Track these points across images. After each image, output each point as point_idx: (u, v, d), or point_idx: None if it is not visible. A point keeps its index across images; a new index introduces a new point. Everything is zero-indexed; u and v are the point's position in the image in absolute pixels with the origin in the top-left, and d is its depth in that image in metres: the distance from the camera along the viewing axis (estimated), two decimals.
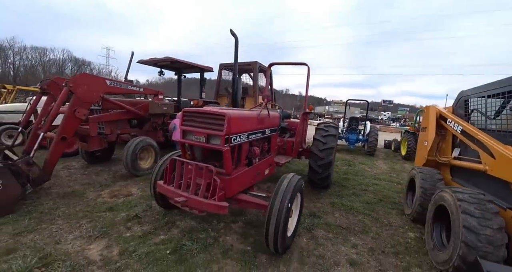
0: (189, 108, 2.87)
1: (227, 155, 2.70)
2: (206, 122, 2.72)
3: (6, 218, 3.14)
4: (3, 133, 7.28)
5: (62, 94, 4.02)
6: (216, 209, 2.46)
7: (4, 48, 43.13)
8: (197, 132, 2.76)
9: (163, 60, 6.05)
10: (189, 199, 2.54)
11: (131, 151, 4.69)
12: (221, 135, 2.60)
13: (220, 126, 2.62)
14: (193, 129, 2.79)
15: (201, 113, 2.77)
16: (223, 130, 2.59)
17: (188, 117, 2.86)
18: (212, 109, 2.81)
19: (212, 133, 2.65)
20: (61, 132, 3.95)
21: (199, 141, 2.77)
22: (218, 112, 2.66)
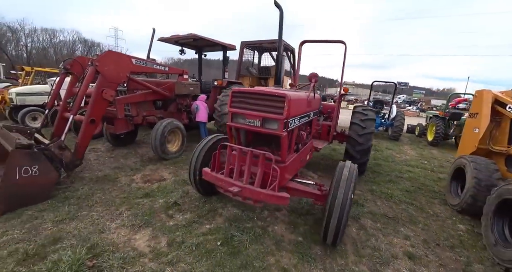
0: (239, 88, 2.53)
1: (285, 141, 2.40)
2: (261, 104, 2.39)
3: (45, 204, 3.00)
4: (27, 115, 7.16)
5: (89, 74, 3.72)
6: (277, 201, 2.21)
7: (16, 30, 42.63)
8: (249, 115, 2.44)
9: (186, 38, 5.60)
10: (244, 189, 2.29)
11: (159, 134, 4.44)
12: (280, 119, 2.27)
13: (279, 108, 2.28)
14: (245, 111, 2.46)
15: (255, 93, 2.43)
16: (283, 113, 2.27)
17: (238, 98, 2.52)
18: (269, 89, 2.46)
19: (269, 117, 2.33)
20: (90, 114, 3.70)
21: (252, 125, 2.45)
22: (278, 92, 2.32)
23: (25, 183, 2.87)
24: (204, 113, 5.82)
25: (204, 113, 5.81)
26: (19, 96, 7.41)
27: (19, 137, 3.20)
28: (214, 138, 3.22)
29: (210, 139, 3.20)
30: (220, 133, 3.49)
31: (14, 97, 7.36)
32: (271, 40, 7.26)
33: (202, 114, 5.77)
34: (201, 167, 3.03)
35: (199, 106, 5.73)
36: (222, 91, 6.19)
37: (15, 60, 37.62)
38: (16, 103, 7.38)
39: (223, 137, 3.34)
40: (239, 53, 7.76)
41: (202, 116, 5.78)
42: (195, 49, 6.85)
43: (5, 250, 2.20)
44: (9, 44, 42.60)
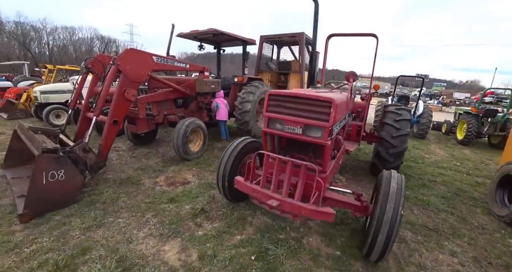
0: (277, 91, 2.29)
1: (328, 150, 2.15)
2: (303, 109, 2.14)
3: (72, 208, 2.93)
4: (51, 113, 7.25)
5: (110, 73, 3.58)
6: (321, 217, 1.99)
7: (38, 28, 44.03)
8: (289, 121, 2.20)
9: (206, 33, 5.37)
10: (283, 203, 2.08)
11: (181, 134, 4.29)
12: (325, 126, 2.02)
13: (325, 115, 2.03)
14: (284, 117, 2.22)
15: (296, 97, 2.18)
16: (329, 120, 2.01)
17: (275, 102, 2.28)
18: (311, 92, 2.20)
19: (312, 123, 2.08)
20: (112, 115, 3.58)
21: (292, 133, 2.22)
22: (323, 97, 2.05)
23: (51, 188, 2.80)
24: (225, 111, 5.62)
25: (224, 111, 5.61)
26: (43, 94, 7.50)
27: (44, 140, 3.13)
28: (243, 142, 3.01)
29: (239, 143, 2.99)
30: (248, 136, 3.27)
31: (38, 95, 7.46)
32: (292, 34, 6.92)
33: (223, 112, 5.58)
34: (230, 173, 2.85)
35: (219, 104, 5.53)
36: (242, 88, 5.96)
37: (38, 58, 39.02)
38: (41, 101, 7.48)
39: (252, 140, 3.13)
40: (259, 48, 7.47)
41: (223, 114, 5.59)
42: (214, 44, 6.62)
43: (35, 261, 2.11)
44: (33, 42, 44.12)
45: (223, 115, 5.59)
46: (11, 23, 42.36)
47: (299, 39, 6.79)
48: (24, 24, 43.07)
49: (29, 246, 2.29)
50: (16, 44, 41.98)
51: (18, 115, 8.61)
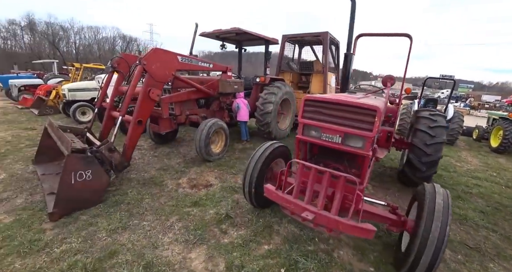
0: (314, 96, 2.14)
1: (368, 161, 1.97)
2: (343, 116, 1.97)
3: (98, 208, 2.93)
4: (77, 110, 7.50)
5: (137, 73, 3.56)
6: (360, 233, 1.82)
7: (66, 28, 46.31)
8: (327, 129, 2.04)
9: (229, 32, 5.28)
10: (319, 216, 1.93)
11: (204, 135, 4.22)
12: (368, 136, 1.85)
13: (368, 124, 1.86)
14: (322, 124, 2.07)
15: (337, 103, 2.01)
16: (373, 129, 1.84)
17: (312, 108, 2.13)
18: (353, 99, 2.03)
19: (354, 133, 1.91)
20: (137, 115, 3.57)
21: (330, 141, 2.06)
22: (368, 104, 1.88)
23: (79, 188, 2.81)
24: (246, 112, 5.52)
25: (245, 112, 5.50)
26: (71, 92, 7.76)
27: (73, 139, 3.16)
28: (270, 147, 2.88)
29: (267, 148, 2.86)
30: (269, 137, 3.13)
31: (66, 93, 7.73)
32: (316, 33, 6.68)
33: (244, 113, 5.47)
34: (257, 180, 2.73)
35: (240, 105, 5.43)
36: (264, 89, 5.82)
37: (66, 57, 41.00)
38: (68, 99, 7.75)
39: (280, 145, 2.99)
40: (280, 47, 7.29)
41: (244, 115, 5.48)
42: (236, 43, 6.52)
43: (65, 262, 2.10)
44: (61, 41, 46.42)
45: (244, 116, 5.48)
46: (43, 24, 44.83)
47: (323, 39, 6.54)
48: (54, 24, 45.41)
49: (58, 246, 2.30)
50: (47, 44, 44.37)
51: (48, 112, 8.99)
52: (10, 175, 3.89)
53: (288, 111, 6.54)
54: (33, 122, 7.89)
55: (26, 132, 6.65)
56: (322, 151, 2.57)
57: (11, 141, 5.70)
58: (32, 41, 44.78)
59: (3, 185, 3.54)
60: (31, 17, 43.99)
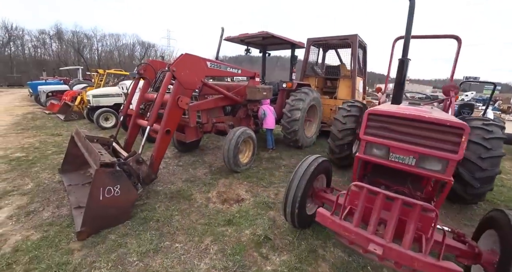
0: (379, 110, 1.80)
1: (448, 187, 1.60)
2: (420, 134, 1.63)
3: (126, 226, 2.71)
4: (100, 116, 7.51)
5: (166, 79, 3.35)
6: None
7: (90, 36, 48.53)
8: (398, 149, 1.70)
9: (256, 36, 5.02)
10: (388, 250, 1.57)
11: (233, 145, 3.95)
12: (452, 158, 1.51)
13: (453, 144, 1.52)
14: (391, 143, 1.73)
15: (410, 119, 1.67)
16: (458, 151, 1.48)
17: (378, 123, 1.79)
18: (431, 114, 1.67)
19: (433, 154, 1.57)
20: (165, 125, 3.35)
21: (400, 163, 1.71)
22: (452, 121, 1.53)
23: (107, 204, 2.60)
24: (272, 119, 5.21)
25: (272, 119, 5.20)
26: (95, 98, 7.80)
27: (101, 151, 2.97)
28: (314, 162, 2.55)
29: (311, 163, 2.53)
30: (319, 155, 2.79)
31: (91, 99, 7.78)
32: (344, 36, 6.30)
33: (270, 120, 5.17)
34: (301, 199, 2.40)
35: (267, 111, 5.13)
36: (291, 95, 5.50)
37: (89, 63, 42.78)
38: (92, 105, 7.79)
39: (324, 160, 2.66)
40: (305, 51, 6.96)
41: (270, 122, 5.18)
42: (260, 47, 6.26)
43: None
44: (85, 49, 48.62)
45: (270, 123, 5.18)
46: (69, 33, 47.21)
47: (351, 42, 6.14)
48: (79, 33, 47.67)
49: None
50: (72, 51, 46.58)
51: (73, 117, 9.13)
52: (37, 184, 3.80)
53: (315, 117, 6.17)
54: (59, 127, 8.00)
55: (53, 138, 6.70)
56: (377, 169, 2.20)
57: (39, 148, 5.72)
58: (60, 48, 47.21)
59: (30, 196, 3.43)
60: (59, 27, 46.51)
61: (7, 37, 43.37)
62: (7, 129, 7.67)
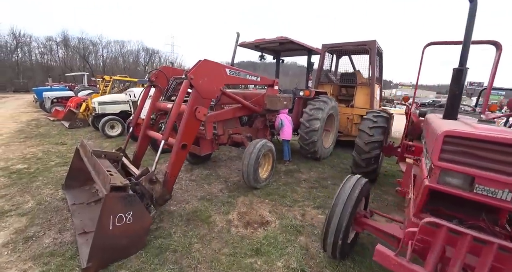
0: (460, 131, 1.42)
1: None
2: None
3: (139, 258, 2.30)
4: (106, 124, 7.15)
5: (183, 88, 2.98)
6: None
7: (96, 43, 48.86)
8: (488, 180, 1.31)
9: (274, 41, 4.69)
10: None
11: (253, 160, 3.56)
12: None
13: None
14: (477, 172, 1.34)
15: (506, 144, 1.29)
16: None
17: (457, 147, 1.42)
18: None
19: None
20: (181, 138, 2.97)
21: (491, 197, 1.33)
22: None
23: (118, 234, 2.20)
24: (290, 130, 4.83)
25: (289, 130, 4.82)
26: (101, 105, 7.47)
27: (110, 170, 2.59)
28: (358, 184, 2.19)
29: (354, 186, 2.15)
30: (360, 175, 2.41)
31: (96, 106, 7.45)
32: (361, 42, 5.97)
33: (288, 130, 4.79)
34: (346, 228, 2.02)
35: (284, 121, 4.76)
36: (308, 103, 5.14)
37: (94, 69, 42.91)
38: (98, 112, 7.45)
39: (366, 181, 2.29)
40: (320, 58, 6.63)
41: (288, 133, 4.80)
42: (274, 54, 5.93)
43: None
44: (91, 55, 48.87)
45: (288, 134, 4.80)
46: (76, 39, 47.56)
47: (370, 48, 5.80)
48: (85, 39, 48.01)
49: None
50: (78, 57, 46.79)
51: (78, 124, 8.79)
52: (38, 202, 3.41)
53: (332, 127, 5.79)
54: (63, 135, 7.65)
55: (57, 147, 6.34)
56: (440, 197, 1.80)
57: (42, 158, 5.35)
58: (66, 55, 47.46)
59: (30, 216, 3.04)
60: (65, 34, 46.85)
61: (14, 44, 43.68)
62: (10, 137, 7.33)
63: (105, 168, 2.65)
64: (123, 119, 7.48)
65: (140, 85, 9.38)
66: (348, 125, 6.34)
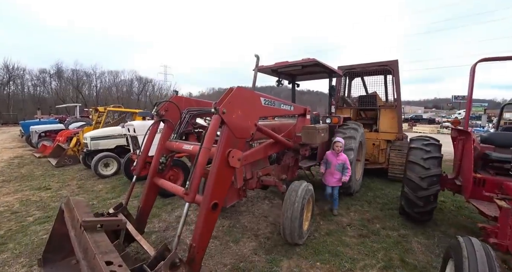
0: None
1: None
2: None
3: None
4: (100, 162, 6.05)
5: (213, 126, 2.08)
6: None
7: (89, 74, 48.34)
8: None
9: (298, 64, 4.00)
10: None
11: (298, 212, 2.62)
12: None
13: None
14: None
15: None
16: None
17: None
18: None
19: None
20: (211, 195, 2.04)
21: None
22: None
23: None
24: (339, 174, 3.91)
25: (339, 173, 3.90)
26: (93, 141, 6.43)
27: (112, 261, 1.59)
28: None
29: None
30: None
31: (88, 142, 6.39)
32: (383, 62, 5.46)
33: (337, 173, 3.88)
34: None
35: (333, 162, 3.87)
36: (336, 131, 4.38)
37: (87, 99, 41.75)
38: (90, 148, 6.39)
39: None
40: (337, 81, 6.05)
41: (338, 176, 3.89)
42: (290, 78, 5.27)
43: None
44: (84, 86, 48.01)
45: (337, 179, 3.87)
46: (69, 71, 46.90)
47: (392, 69, 5.28)
48: (79, 71, 47.45)
49: None
50: (71, 88, 45.73)
51: (67, 162, 7.59)
52: None
53: (361, 155, 5.00)
54: (48, 177, 6.43)
55: (39, 193, 5.15)
56: None
57: (18, 212, 4.17)
58: (59, 86, 46.29)
59: None
60: (59, 66, 46.17)
61: (7, 77, 42.36)
62: None
63: (101, 256, 1.66)
64: (119, 155, 6.41)
65: (140, 118, 8.46)
66: (374, 151, 5.59)
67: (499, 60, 3.48)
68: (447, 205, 4.37)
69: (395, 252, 2.92)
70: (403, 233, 3.37)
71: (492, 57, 3.45)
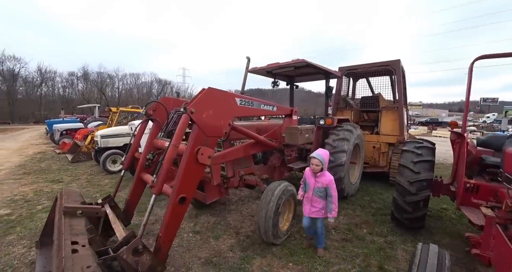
0: None
1: None
2: None
3: None
4: (108, 159, 6.54)
5: (181, 124, 2.29)
6: None
7: (112, 76, 51.69)
8: None
9: (289, 65, 4.09)
10: None
11: (272, 211, 2.71)
12: None
13: None
14: None
15: None
16: None
17: None
18: None
19: None
20: (178, 190, 2.20)
21: None
22: None
23: None
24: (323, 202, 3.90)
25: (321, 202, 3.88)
26: (103, 139, 6.95)
27: (78, 242, 1.81)
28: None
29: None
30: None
31: (99, 140, 6.92)
32: (384, 62, 5.35)
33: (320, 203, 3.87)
34: None
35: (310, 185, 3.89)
36: (330, 133, 4.37)
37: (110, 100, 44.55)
38: (100, 146, 6.91)
39: None
40: (338, 81, 6.02)
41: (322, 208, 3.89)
42: (287, 79, 5.34)
43: None
44: (108, 87, 51.40)
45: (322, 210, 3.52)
46: (95, 74, 50.54)
47: (394, 69, 5.16)
48: (103, 73, 50.92)
49: None
50: (96, 90, 49.11)
51: (81, 158, 8.26)
52: (1, 269, 2.63)
53: (358, 158, 4.92)
54: (63, 171, 7.06)
55: (51, 186, 5.69)
56: None
57: (30, 201, 4.66)
58: (85, 88, 49.99)
59: None
60: (85, 69, 49.94)
61: (40, 79, 46.54)
62: (8, 173, 6.80)
63: (72, 237, 1.89)
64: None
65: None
66: (374, 154, 5.46)
67: (497, 57, 3.32)
68: (448, 213, 4.17)
69: (375, 258, 2.87)
70: (390, 240, 3.30)
71: (490, 54, 3.30)
